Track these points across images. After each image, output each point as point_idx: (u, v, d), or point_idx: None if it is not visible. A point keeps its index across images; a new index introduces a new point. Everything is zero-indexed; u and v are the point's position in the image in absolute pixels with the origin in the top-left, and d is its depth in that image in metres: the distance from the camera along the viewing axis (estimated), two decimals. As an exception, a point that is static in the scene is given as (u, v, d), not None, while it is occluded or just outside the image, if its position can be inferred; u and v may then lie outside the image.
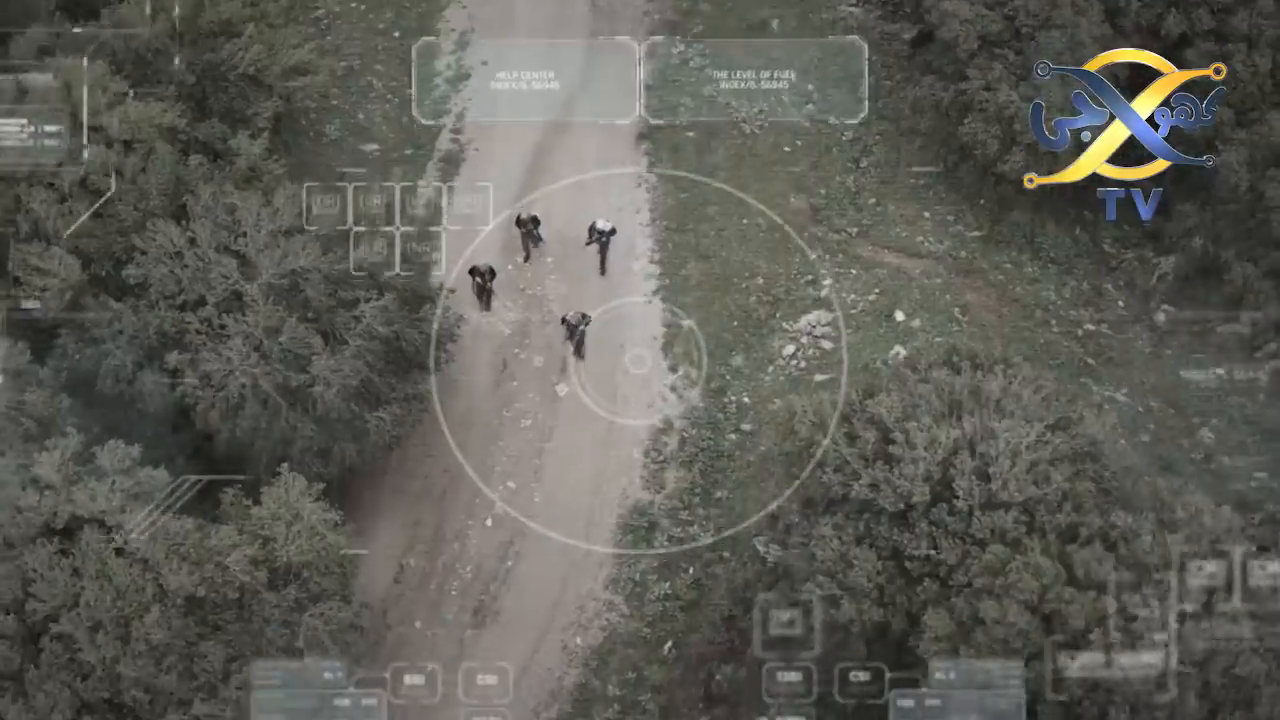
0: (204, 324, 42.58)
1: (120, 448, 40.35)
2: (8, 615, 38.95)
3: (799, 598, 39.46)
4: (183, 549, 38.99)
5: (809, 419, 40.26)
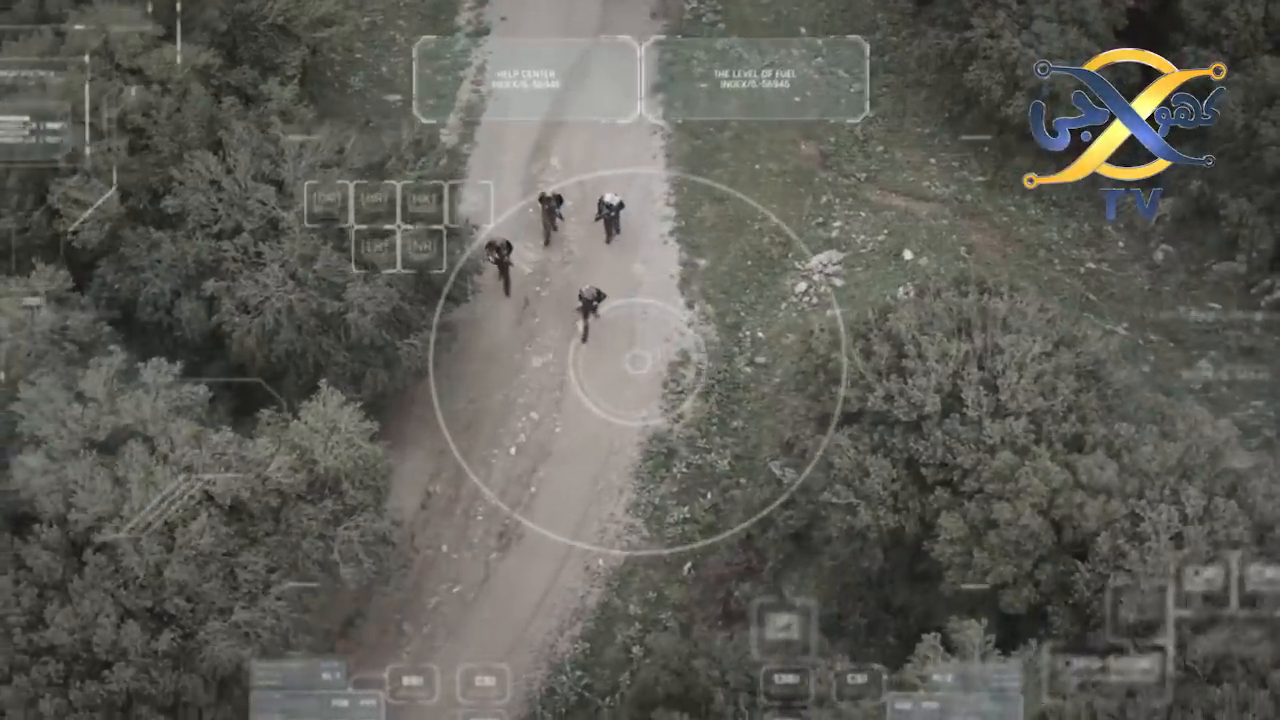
0: (241, 252, 44.38)
1: (163, 364, 42.04)
2: (51, 527, 40.81)
3: (817, 508, 41.53)
4: (225, 458, 40.87)
5: (826, 337, 42.34)
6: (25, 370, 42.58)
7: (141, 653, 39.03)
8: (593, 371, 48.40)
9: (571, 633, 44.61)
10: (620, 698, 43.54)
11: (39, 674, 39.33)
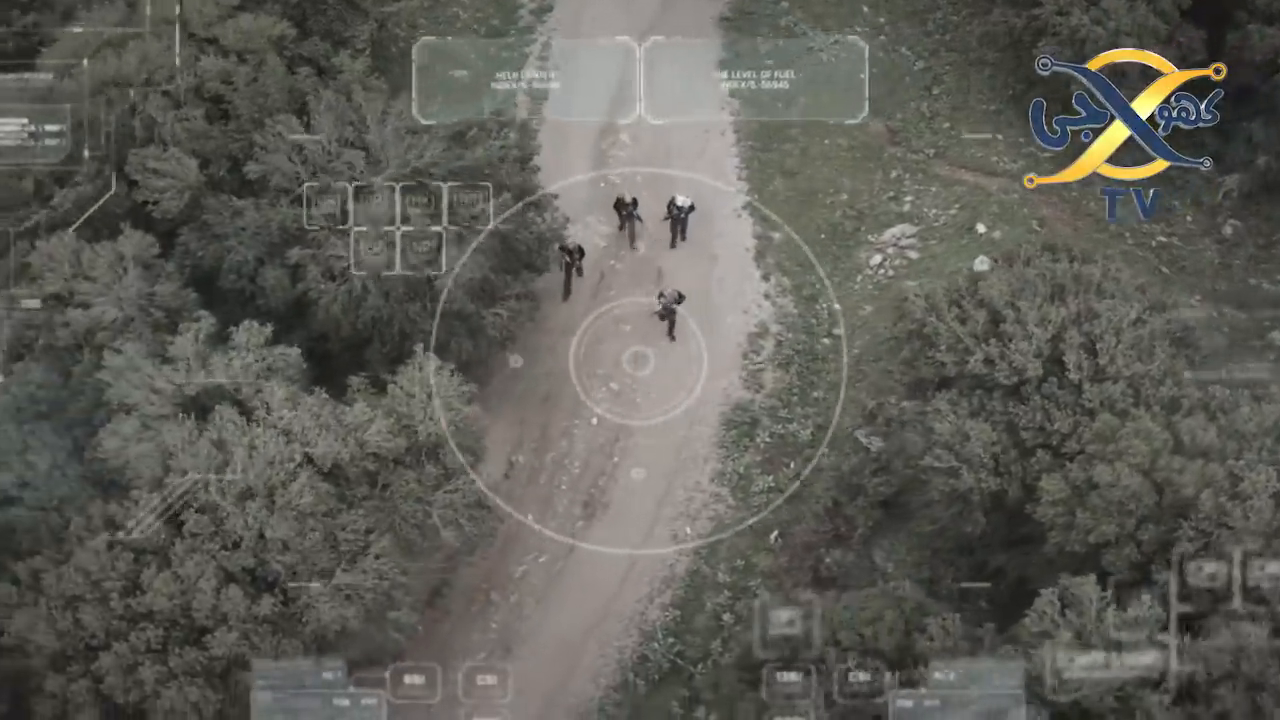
0: (328, 218, 44.38)
1: (254, 325, 41.95)
2: (150, 491, 40.62)
3: (916, 472, 41.74)
4: (321, 419, 40.75)
5: (921, 302, 42.64)
6: (112, 337, 42.40)
7: (243, 617, 38.90)
8: (671, 345, 48.32)
9: (661, 600, 44.52)
10: (712, 664, 43.54)
11: (138, 640, 39.06)
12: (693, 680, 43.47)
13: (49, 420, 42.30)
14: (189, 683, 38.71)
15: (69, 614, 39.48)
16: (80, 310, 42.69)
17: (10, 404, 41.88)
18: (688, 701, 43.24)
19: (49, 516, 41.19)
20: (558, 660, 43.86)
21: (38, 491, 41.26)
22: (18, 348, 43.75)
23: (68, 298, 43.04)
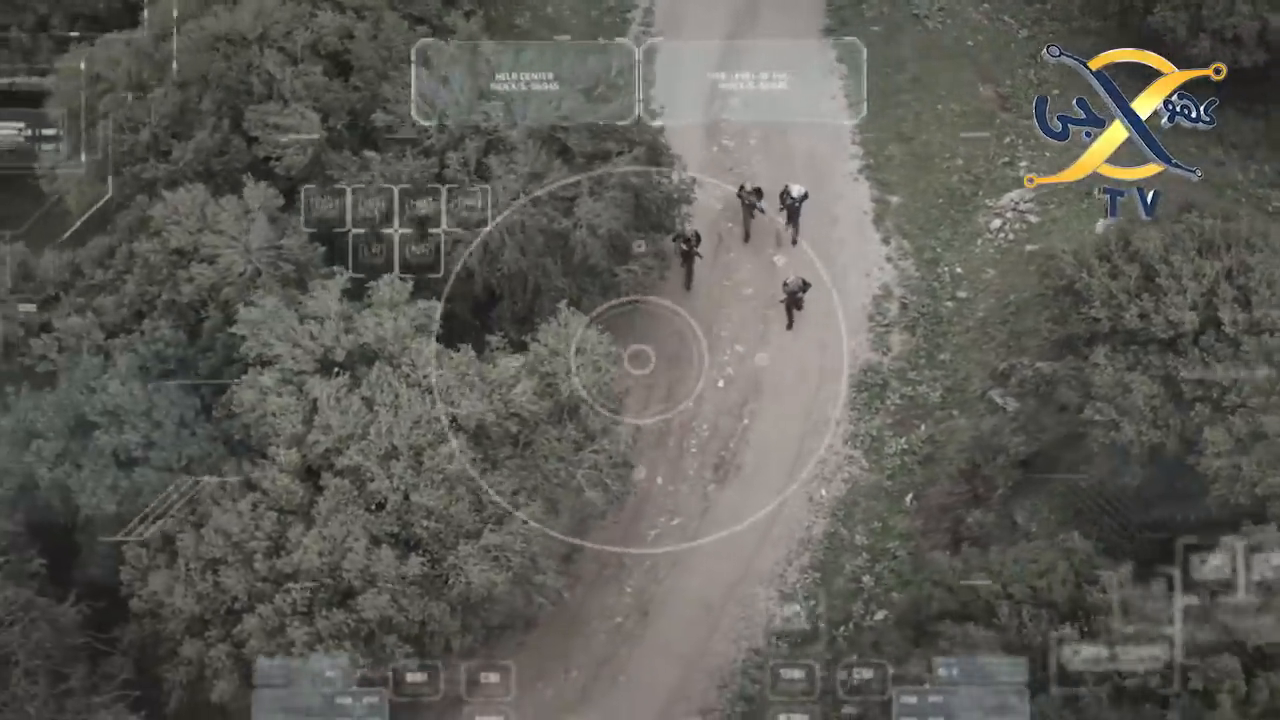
0: (462, 167, 43.12)
1: (396, 281, 40.76)
2: (290, 449, 39.26)
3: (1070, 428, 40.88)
4: (468, 379, 39.55)
5: (1071, 259, 41.89)
6: (238, 292, 41.14)
7: (391, 579, 37.68)
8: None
9: (800, 563, 43.39)
10: (854, 626, 42.55)
11: (283, 602, 37.85)
12: (834, 643, 42.33)
13: (175, 378, 40.90)
14: (337, 645, 37.45)
15: (209, 576, 38.15)
16: (206, 265, 41.28)
17: (135, 362, 40.43)
18: (829, 664, 42.08)
19: (177, 478, 39.67)
20: (696, 623, 42.63)
21: (164, 452, 39.72)
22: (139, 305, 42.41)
23: (192, 252, 41.62)
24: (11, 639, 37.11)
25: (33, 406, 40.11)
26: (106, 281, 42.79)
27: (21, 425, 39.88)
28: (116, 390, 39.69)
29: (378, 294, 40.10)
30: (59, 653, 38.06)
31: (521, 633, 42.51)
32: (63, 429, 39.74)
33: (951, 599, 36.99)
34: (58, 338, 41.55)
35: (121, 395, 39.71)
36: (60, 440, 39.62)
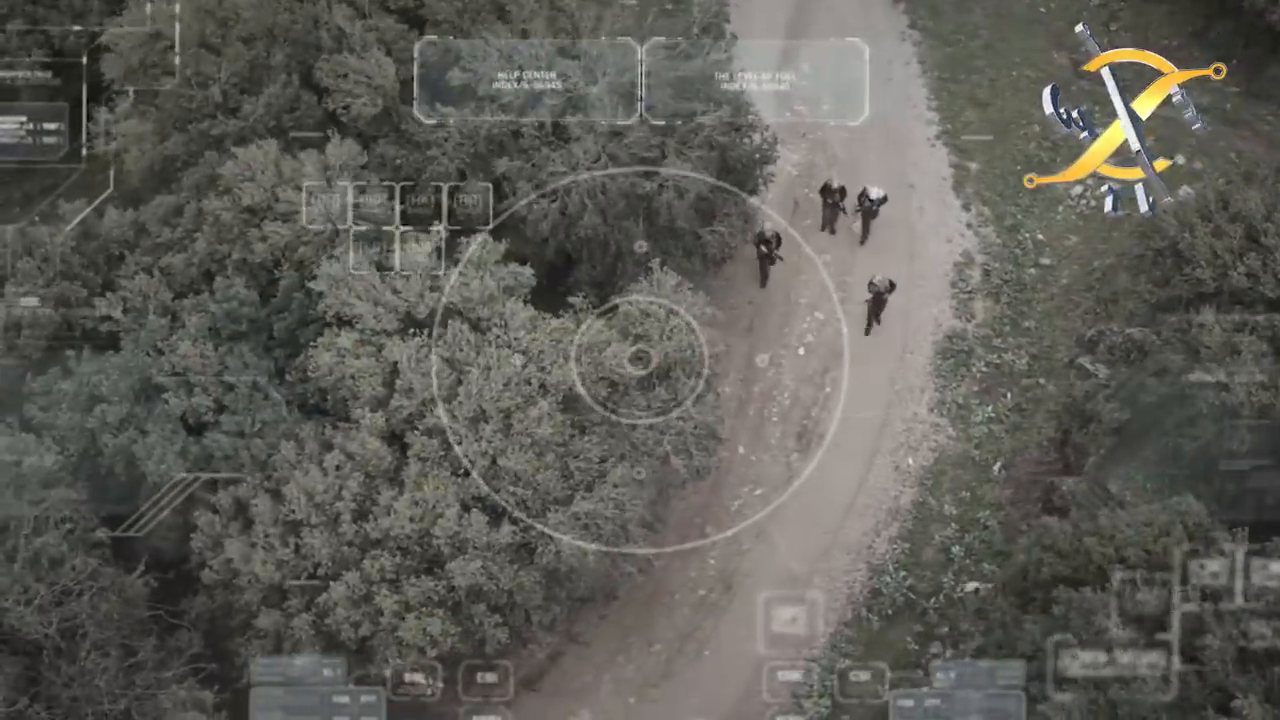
0: (539, 128, 41.29)
1: (488, 240, 39.07)
2: (374, 411, 37.52)
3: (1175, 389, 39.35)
4: (561, 345, 37.85)
5: (1174, 220, 40.41)
6: (318, 250, 39.39)
7: (482, 546, 35.97)
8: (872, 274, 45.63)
9: (888, 533, 41.75)
10: (944, 598, 40.98)
11: (371, 568, 36.11)
12: (925, 615, 40.76)
13: (247, 340, 39.13)
14: (428, 613, 35.73)
15: (290, 541, 36.40)
16: (280, 223, 39.48)
17: (205, 323, 38.68)
18: (921, 637, 40.62)
19: (250, 442, 37.91)
20: (783, 596, 41.02)
21: (236, 416, 38.00)
22: (208, 265, 40.57)
23: (263, 211, 39.81)
24: (80, 609, 35.21)
25: (96, 370, 38.23)
26: (174, 240, 40.84)
27: (84, 389, 38.01)
28: (186, 351, 37.98)
29: (468, 252, 38.23)
30: (127, 625, 36.19)
31: (602, 606, 40.85)
32: (128, 393, 37.94)
33: (1063, 564, 35.34)
34: (123, 297, 39.50)
35: (192, 357, 37.98)
36: (125, 404, 37.78)
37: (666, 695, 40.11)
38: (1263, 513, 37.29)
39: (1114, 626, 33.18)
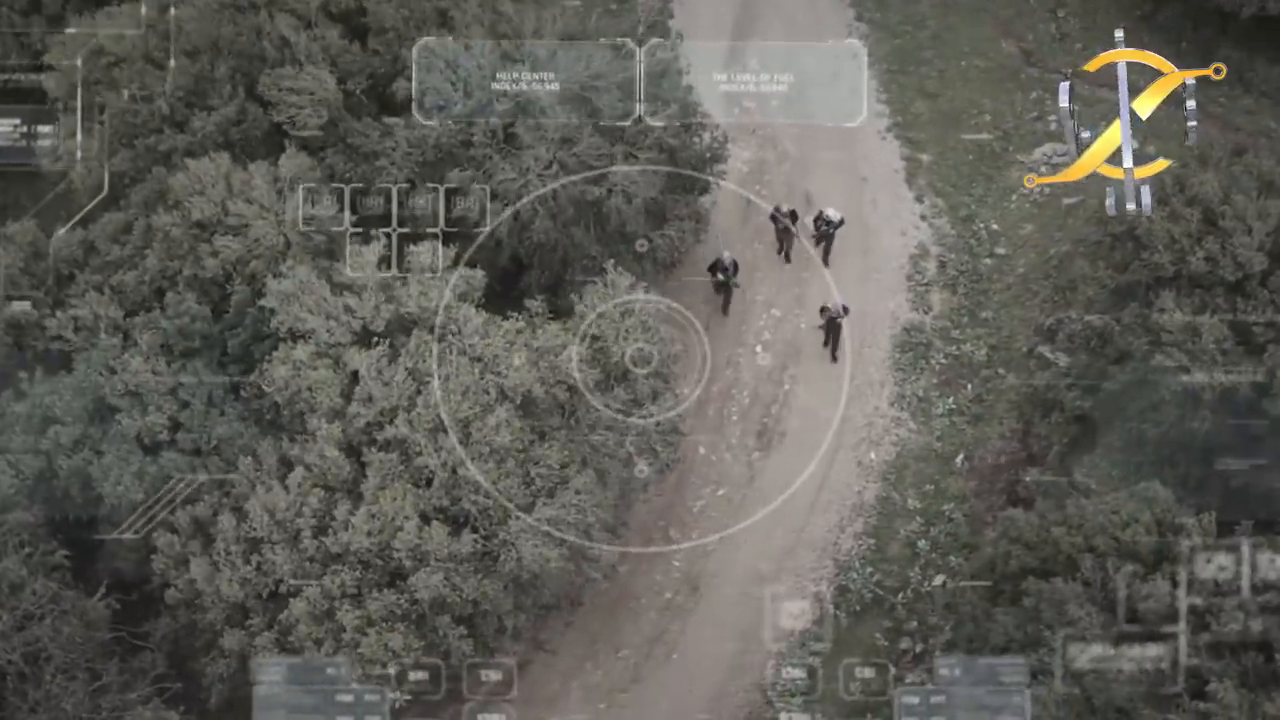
0: (489, 136, 40.41)
1: (438, 246, 38.17)
2: (331, 423, 36.66)
3: (1144, 374, 38.74)
4: (515, 347, 37.07)
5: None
6: (270, 264, 38.50)
7: (443, 557, 35.14)
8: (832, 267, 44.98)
9: (853, 529, 41.10)
10: (912, 593, 40.38)
11: (332, 583, 35.25)
12: (894, 610, 40.10)
13: (200, 356, 38.21)
14: (389, 628, 34.89)
15: (252, 559, 35.51)
16: (231, 237, 38.55)
17: (158, 340, 37.81)
18: (891, 632, 39.96)
19: (207, 460, 37.05)
20: (750, 596, 40.33)
21: (192, 433, 37.16)
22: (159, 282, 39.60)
23: (214, 225, 38.86)
24: (42, 633, 34.65)
25: (49, 391, 37.43)
26: (124, 258, 39.91)
27: (38, 411, 37.24)
28: (139, 368, 37.22)
29: (417, 260, 37.42)
30: (90, 648, 35.56)
31: (568, 613, 40.03)
32: (81, 413, 37.23)
33: (1030, 555, 34.82)
34: (74, 317, 38.50)
35: (144, 374, 37.23)
36: (79, 425, 37.09)
37: (636, 700, 39.49)
38: (1229, 497, 36.84)
39: (1085, 616, 32.39)
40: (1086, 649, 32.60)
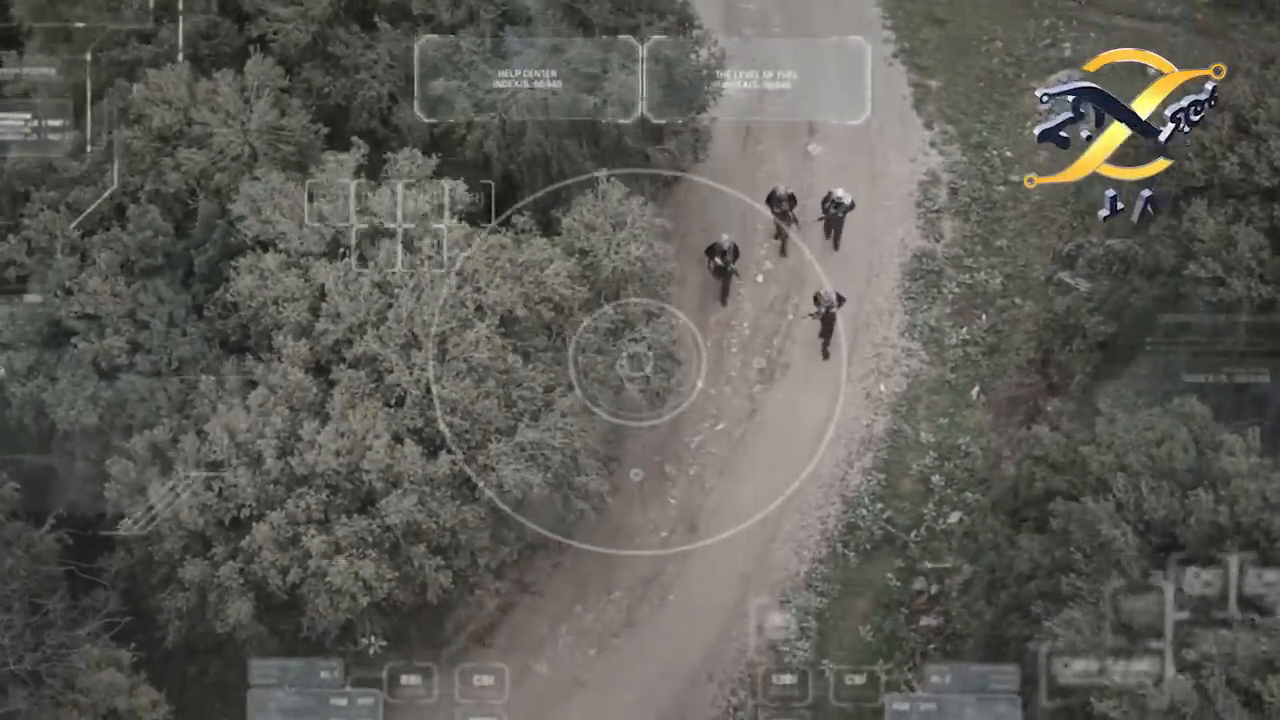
0: (478, 43, 36.69)
1: (417, 155, 34.49)
2: (297, 340, 32.79)
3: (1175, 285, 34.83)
4: (498, 263, 33.25)
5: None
6: (236, 176, 34.66)
7: (418, 479, 31.19)
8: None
9: (862, 464, 37.28)
10: (926, 530, 36.49)
11: (296, 507, 31.32)
12: (906, 549, 36.15)
13: (162, 275, 34.40)
14: (359, 555, 30.93)
15: (212, 485, 31.54)
16: (195, 149, 34.69)
17: (117, 259, 33.92)
18: (903, 572, 35.98)
19: (167, 382, 33.35)
20: (753, 534, 36.48)
21: (152, 355, 33.50)
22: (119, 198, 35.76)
23: (175, 138, 35.02)
24: (-20, 563, 30.69)
25: (1, 316, 33.86)
26: (83, 174, 35.90)
27: (-11, 338, 33.34)
28: (97, 288, 33.58)
29: (395, 168, 33.58)
30: (35, 582, 31.71)
31: (556, 553, 36.13)
32: (35, 338, 33.78)
33: (1057, 477, 30.80)
34: (26, 238, 34.63)
35: (103, 294, 33.59)
36: (33, 351, 33.61)
37: (630, 645, 35.85)
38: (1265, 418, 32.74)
39: (1120, 537, 28.30)
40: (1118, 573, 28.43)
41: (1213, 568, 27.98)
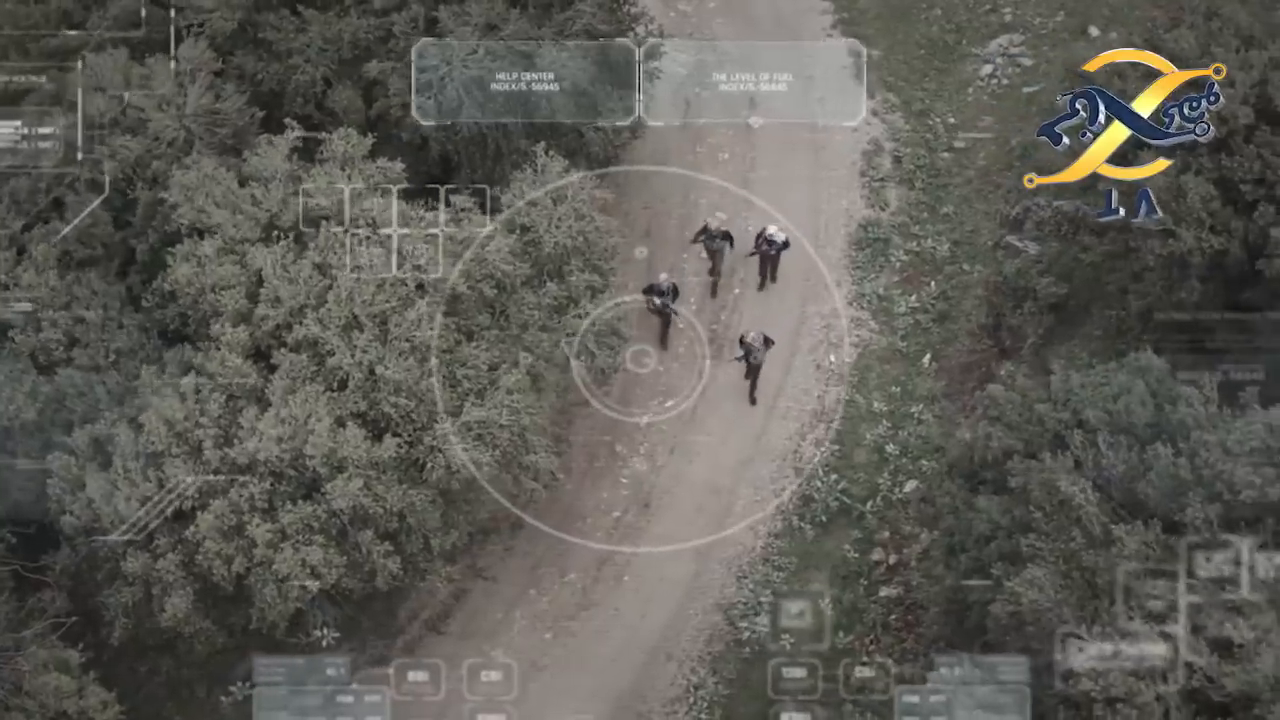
0: (411, 24, 35.27)
1: (351, 134, 33.08)
2: (236, 327, 31.27)
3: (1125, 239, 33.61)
4: (437, 240, 31.84)
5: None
6: (168, 165, 33.19)
7: (363, 463, 29.68)
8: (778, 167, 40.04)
9: (815, 436, 36.06)
10: (882, 500, 35.27)
11: (240, 496, 29.79)
12: (863, 520, 34.90)
13: (98, 266, 32.99)
14: (305, 542, 29.44)
15: (153, 475, 29.97)
16: (129, 136, 33.18)
17: (52, 253, 32.43)
18: (861, 543, 34.73)
19: (105, 375, 32.03)
20: (706, 510, 35.22)
21: (89, 349, 32.24)
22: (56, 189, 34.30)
23: (112, 125, 33.52)
24: (-81, 569, 29.36)
25: (-68, 315, 32.34)
26: (16, 167, 34.29)
27: (-78, 340, 32.16)
28: (31, 282, 32.26)
29: (330, 148, 32.16)
30: (-24, 586, 30.36)
31: (508, 537, 34.71)
32: (-32, 335, 32.16)
33: (1013, 435, 29.56)
34: (-41, 232, 33.17)
35: (38, 288, 32.25)
36: (-32, 348, 31.98)
37: (585, 628, 34.58)
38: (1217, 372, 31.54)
39: (1080, 493, 27.04)
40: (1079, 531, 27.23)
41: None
